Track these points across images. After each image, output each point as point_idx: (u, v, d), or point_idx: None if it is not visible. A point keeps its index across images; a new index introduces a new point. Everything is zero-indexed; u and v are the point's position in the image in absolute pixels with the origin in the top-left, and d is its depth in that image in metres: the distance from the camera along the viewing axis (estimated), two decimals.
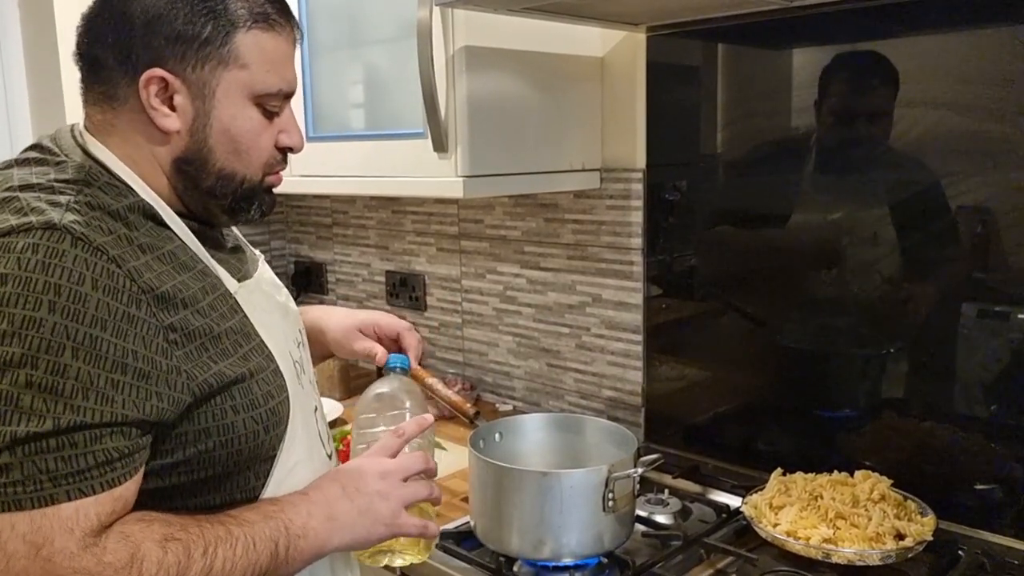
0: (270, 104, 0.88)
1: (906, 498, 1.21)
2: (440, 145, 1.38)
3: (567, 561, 1.14)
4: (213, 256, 0.88)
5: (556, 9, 1.32)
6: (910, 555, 1.11)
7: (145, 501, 0.77)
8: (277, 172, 0.92)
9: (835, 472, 1.28)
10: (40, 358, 0.69)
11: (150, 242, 0.80)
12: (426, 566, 1.19)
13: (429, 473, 0.97)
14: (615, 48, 1.59)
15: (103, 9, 0.83)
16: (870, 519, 1.14)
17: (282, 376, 0.88)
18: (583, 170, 1.61)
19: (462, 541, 1.22)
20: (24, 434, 0.68)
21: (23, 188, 0.77)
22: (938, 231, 1.26)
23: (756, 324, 1.49)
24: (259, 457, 0.85)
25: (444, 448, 1.63)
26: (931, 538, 1.13)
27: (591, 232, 1.69)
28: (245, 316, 0.87)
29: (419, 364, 1.56)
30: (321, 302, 2.40)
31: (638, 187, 1.59)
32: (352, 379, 2.02)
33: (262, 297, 0.94)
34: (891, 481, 1.23)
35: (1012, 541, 1.20)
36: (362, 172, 1.56)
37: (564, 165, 1.58)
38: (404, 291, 2.13)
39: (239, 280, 0.90)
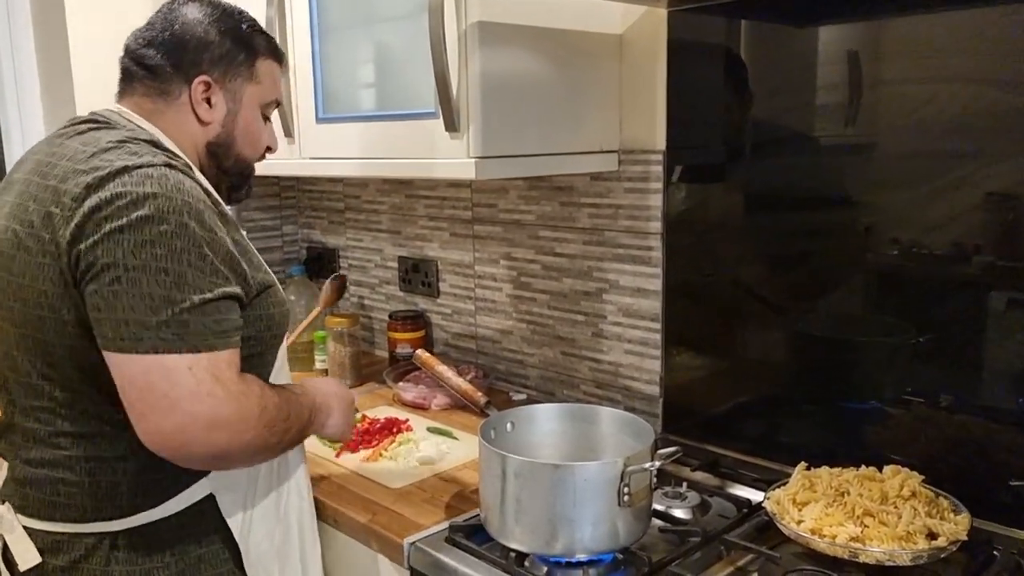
0: (267, 111, 1.23)
1: (938, 495, 1.17)
2: (452, 125, 1.34)
3: (581, 557, 1.11)
4: None
5: None
6: (943, 555, 1.06)
7: None
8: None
9: (863, 467, 1.24)
10: (191, 250, 0.97)
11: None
12: (437, 562, 1.17)
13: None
14: (635, 24, 1.55)
15: (161, 32, 1.13)
16: (900, 517, 1.10)
17: (283, 293, 1.18)
18: (600, 152, 1.57)
19: (472, 535, 1.20)
20: (199, 300, 0.96)
21: (121, 143, 1.03)
22: (967, 216, 1.21)
23: (779, 312, 1.45)
24: (276, 344, 1.16)
25: (456, 438, 1.60)
26: (965, 538, 1.08)
27: (608, 216, 1.65)
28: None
29: (431, 352, 1.53)
30: None
31: (657, 169, 1.55)
32: (364, 367, 2.00)
33: None
34: (922, 477, 1.19)
35: None
36: (372, 154, 1.53)
37: (581, 146, 1.53)
38: (417, 277, 2.10)
39: None
